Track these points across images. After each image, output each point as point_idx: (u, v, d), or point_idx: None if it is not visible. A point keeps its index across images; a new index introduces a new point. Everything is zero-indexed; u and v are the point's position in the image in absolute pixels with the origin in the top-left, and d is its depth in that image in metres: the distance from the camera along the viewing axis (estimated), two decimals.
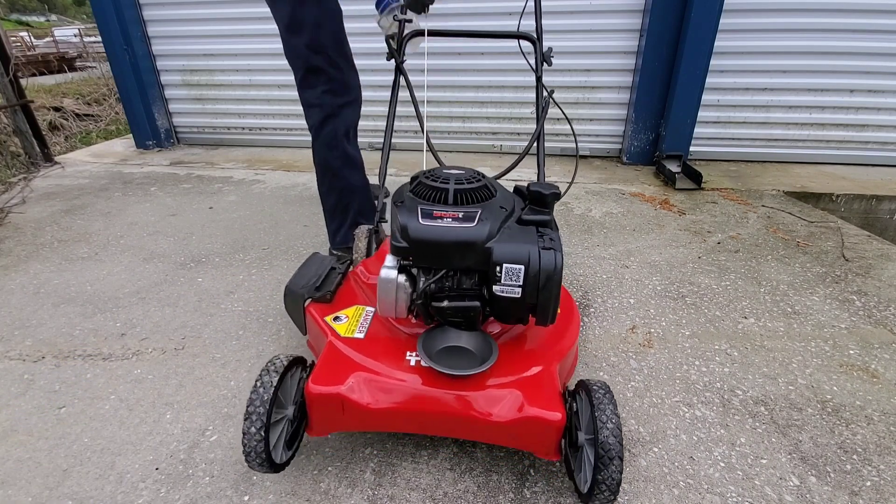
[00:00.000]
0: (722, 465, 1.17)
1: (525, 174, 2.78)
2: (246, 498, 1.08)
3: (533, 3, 1.59)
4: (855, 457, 1.20)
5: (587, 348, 1.58)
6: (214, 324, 1.71)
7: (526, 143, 1.51)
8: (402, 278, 1.05)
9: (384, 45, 1.58)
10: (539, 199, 1.10)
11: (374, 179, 1.74)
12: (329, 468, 1.15)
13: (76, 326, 1.70)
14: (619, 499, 1.06)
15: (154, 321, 1.73)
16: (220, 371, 1.48)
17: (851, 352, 1.58)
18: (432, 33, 1.58)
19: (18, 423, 1.29)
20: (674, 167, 3.28)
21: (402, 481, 1.12)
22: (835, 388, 1.42)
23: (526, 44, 1.61)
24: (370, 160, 1.77)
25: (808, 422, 1.30)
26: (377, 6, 1.69)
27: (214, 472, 1.14)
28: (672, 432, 1.26)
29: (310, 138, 1.74)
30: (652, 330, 1.68)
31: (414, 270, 1.08)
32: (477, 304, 1.06)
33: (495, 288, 1.00)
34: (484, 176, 1.14)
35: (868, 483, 1.13)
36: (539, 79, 1.56)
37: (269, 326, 1.68)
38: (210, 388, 1.40)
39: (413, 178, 1.15)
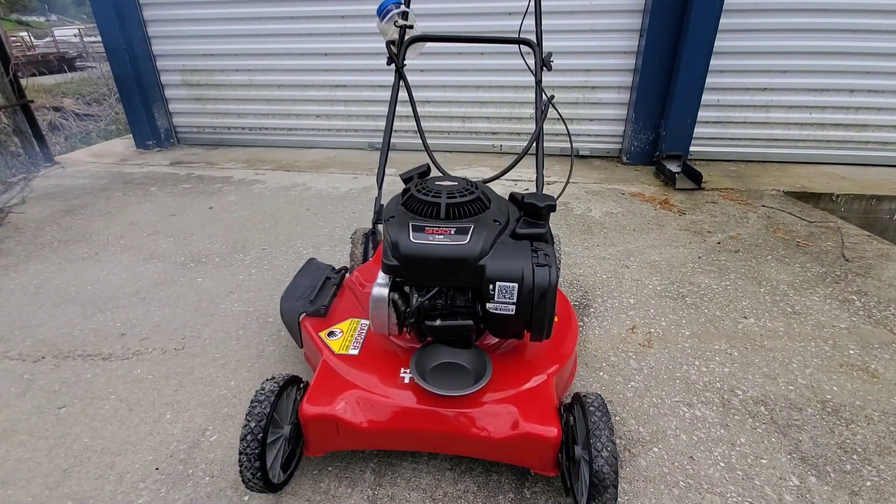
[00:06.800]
0: (722, 465, 1.17)
1: (525, 173, 2.78)
2: (246, 498, 1.08)
3: (533, 7, 1.59)
4: (855, 457, 1.20)
5: (587, 348, 1.58)
6: (214, 324, 1.71)
7: (525, 143, 1.50)
8: (394, 296, 1.03)
9: (383, 45, 1.58)
10: (534, 212, 1.08)
11: (373, 179, 1.74)
12: (329, 468, 1.15)
13: (76, 326, 1.70)
14: (619, 498, 1.06)
15: (154, 321, 1.73)
16: (220, 371, 1.48)
17: (851, 352, 1.58)
18: (432, 38, 1.57)
19: (18, 423, 1.30)
20: (674, 167, 3.28)
21: (402, 481, 1.12)
22: (835, 388, 1.42)
23: (527, 48, 1.60)
24: (370, 160, 1.77)
25: (808, 422, 1.30)
26: (378, 12, 1.70)
27: (214, 472, 1.14)
28: (672, 432, 1.26)
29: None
30: (652, 330, 1.68)
31: (406, 288, 1.06)
32: (470, 322, 1.04)
33: (489, 305, 0.98)
34: (478, 186, 1.11)
35: (868, 483, 1.13)
36: (538, 83, 1.55)
37: (268, 326, 1.68)
38: (210, 388, 1.40)
39: (405, 191, 1.13)
